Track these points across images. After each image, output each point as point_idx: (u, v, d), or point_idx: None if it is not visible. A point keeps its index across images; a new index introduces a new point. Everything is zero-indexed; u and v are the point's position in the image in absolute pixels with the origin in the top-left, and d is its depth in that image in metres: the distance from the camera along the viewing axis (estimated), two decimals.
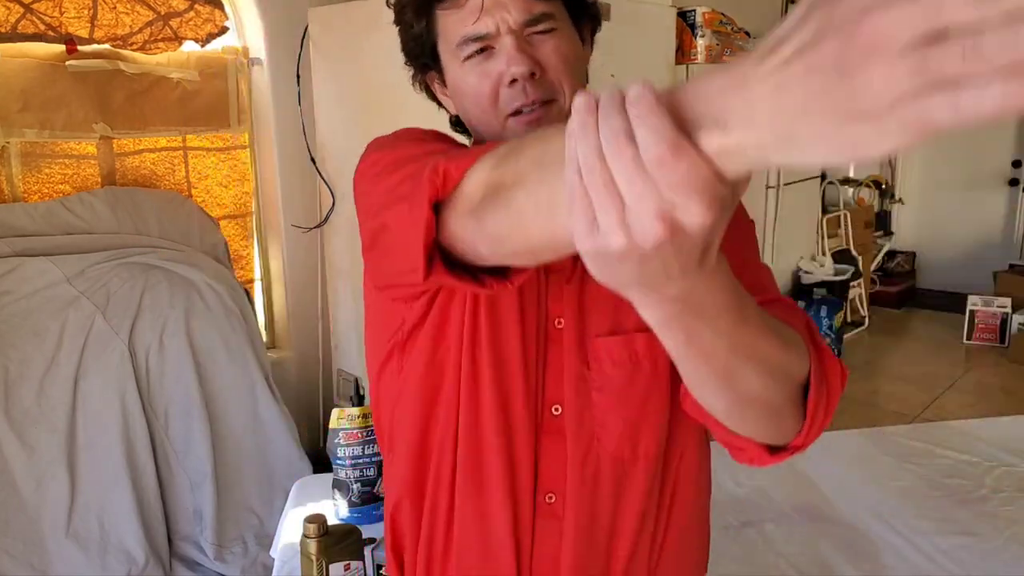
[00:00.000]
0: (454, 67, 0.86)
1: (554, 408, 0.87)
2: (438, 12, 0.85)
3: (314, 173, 2.89)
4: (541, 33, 0.83)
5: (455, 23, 0.83)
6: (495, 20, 0.82)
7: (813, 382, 0.68)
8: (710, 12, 3.87)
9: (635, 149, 0.39)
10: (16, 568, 2.04)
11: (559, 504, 0.87)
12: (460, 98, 0.88)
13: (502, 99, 0.83)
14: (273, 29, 2.81)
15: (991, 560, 1.37)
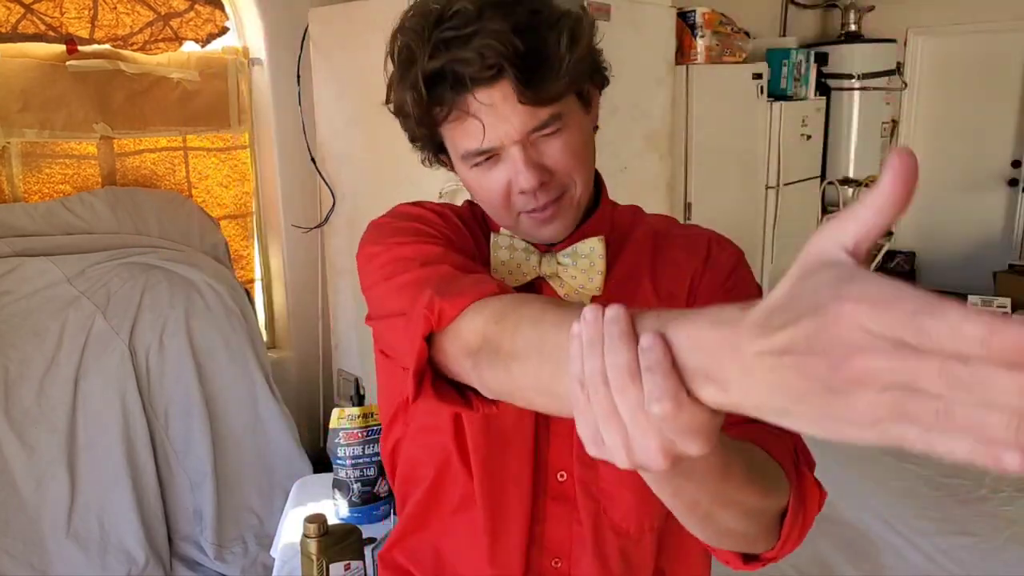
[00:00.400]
0: (463, 168, 0.85)
1: (559, 475, 0.87)
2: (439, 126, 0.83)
3: (314, 173, 2.89)
4: (548, 135, 0.81)
5: (458, 136, 0.81)
6: (499, 135, 0.79)
7: (791, 505, 0.70)
8: (710, 12, 3.87)
9: (640, 392, 0.41)
10: (16, 568, 2.04)
11: (564, 568, 0.88)
12: (471, 191, 0.87)
13: (513, 203, 0.83)
14: (273, 29, 2.81)
15: (991, 560, 1.37)
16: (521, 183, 0.80)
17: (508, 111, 0.78)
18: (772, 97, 4.44)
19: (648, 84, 3.29)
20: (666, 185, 3.55)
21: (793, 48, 4.59)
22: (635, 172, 3.28)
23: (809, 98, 4.70)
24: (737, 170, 4.31)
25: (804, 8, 5.60)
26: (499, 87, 0.77)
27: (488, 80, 0.76)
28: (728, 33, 4.04)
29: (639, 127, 3.26)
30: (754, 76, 4.28)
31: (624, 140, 3.18)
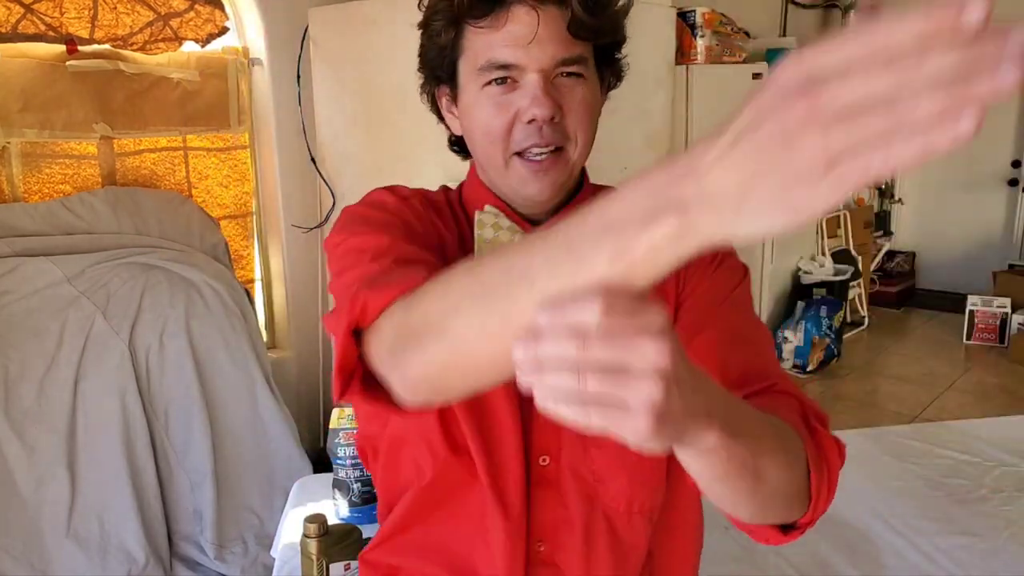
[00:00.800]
0: (472, 89, 0.82)
1: (541, 459, 0.85)
2: (470, 28, 0.80)
3: (314, 173, 2.89)
4: (569, 76, 0.81)
5: (485, 44, 0.79)
6: (528, 54, 0.78)
7: (812, 463, 0.71)
8: (710, 12, 3.87)
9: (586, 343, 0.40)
10: (16, 568, 2.04)
11: (548, 552, 0.87)
12: (470, 122, 0.84)
13: (515, 135, 0.81)
14: (273, 29, 2.81)
15: (991, 560, 1.37)
16: (534, 110, 0.78)
17: (547, 35, 0.78)
18: None
19: (648, 84, 3.29)
20: None
21: (793, 48, 4.59)
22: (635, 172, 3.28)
23: None
24: None
25: (804, 8, 5.60)
26: (549, 9, 0.78)
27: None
28: (728, 33, 4.04)
29: (639, 127, 3.26)
30: (754, 76, 4.28)
31: (624, 140, 3.18)
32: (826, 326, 4.41)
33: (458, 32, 0.81)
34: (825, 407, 0.80)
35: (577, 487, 0.85)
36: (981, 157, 5.64)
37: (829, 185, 0.35)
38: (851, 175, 0.34)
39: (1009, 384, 4.26)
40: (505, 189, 0.86)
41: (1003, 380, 4.32)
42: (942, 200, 5.85)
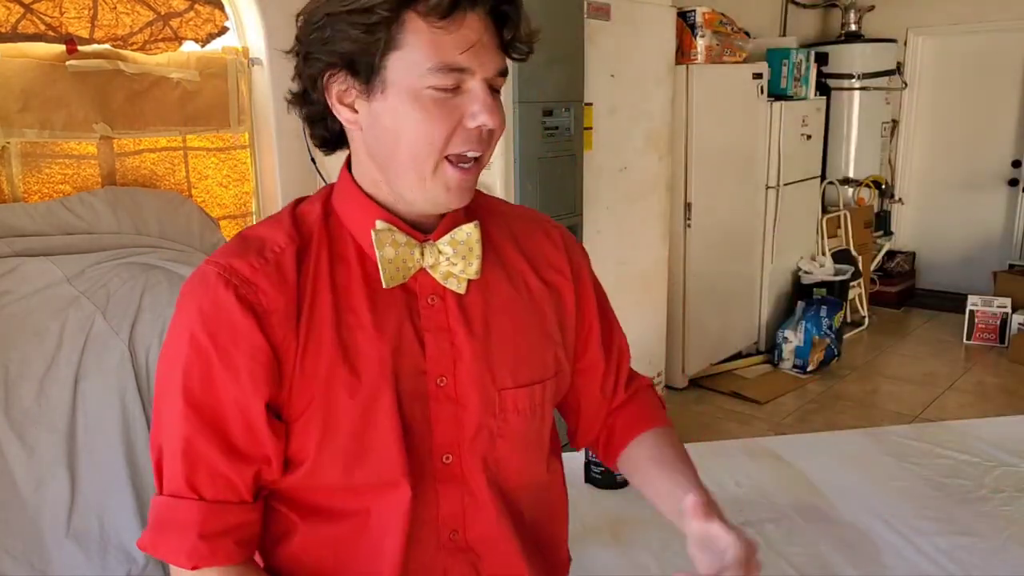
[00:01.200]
0: (408, 87, 0.78)
1: (444, 458, 0.89)
2: (420, 23, 0.76)
3: (314, 173, 2.89)
4: (493, 89, 0.81)
5: (437, 44, 0.76)
6: (478, 60, 0.78)
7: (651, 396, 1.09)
8: (710, 12, 3.88)
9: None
10: (16, 568, 2.04)
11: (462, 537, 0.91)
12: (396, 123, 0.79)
13: (456, 139, 0.79)
14: (273, 29, 2.81)
15: (991, 560, 1.37)
16: (484, 118, 0.78)
17: (491, 45, 0.79)
18: (772, 97, 4.44)
19: (648, 84, 3.29)
20: (666, 185, 3.55)
21: (793, 48, 4.59)
22: (635, 172, 3.28)
23: (809, 98, 4.71)
24: (737, 170, 4.31)
25: (804, 8, 5.61)
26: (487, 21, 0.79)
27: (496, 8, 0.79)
28: (728, 33, 4.04)
29: (639, 127, 3.26)
30: (754, 76, 4.28)
31: (624, 140, 3.19)
32: (826, 326, 4.42)
33: (400, 24, 0.76)
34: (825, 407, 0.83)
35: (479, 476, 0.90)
36: (981, 157, 5.64)
37: None
38: None
39: (1009, 384, 4.26)
40: (413, 196, 0.84)
41: (1003, 380, 4.32)
42: (942, 200, 5.85)
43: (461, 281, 0.86)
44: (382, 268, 0.83)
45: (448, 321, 0.87)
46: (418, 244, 0.85)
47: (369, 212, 0.86)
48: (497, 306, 0.89)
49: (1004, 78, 5.49)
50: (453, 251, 0.85)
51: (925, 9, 5.56)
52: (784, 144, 4.49)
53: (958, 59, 5.65)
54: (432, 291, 0.87)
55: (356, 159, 0.88)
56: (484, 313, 0.88)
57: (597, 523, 1.52)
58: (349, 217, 0.87)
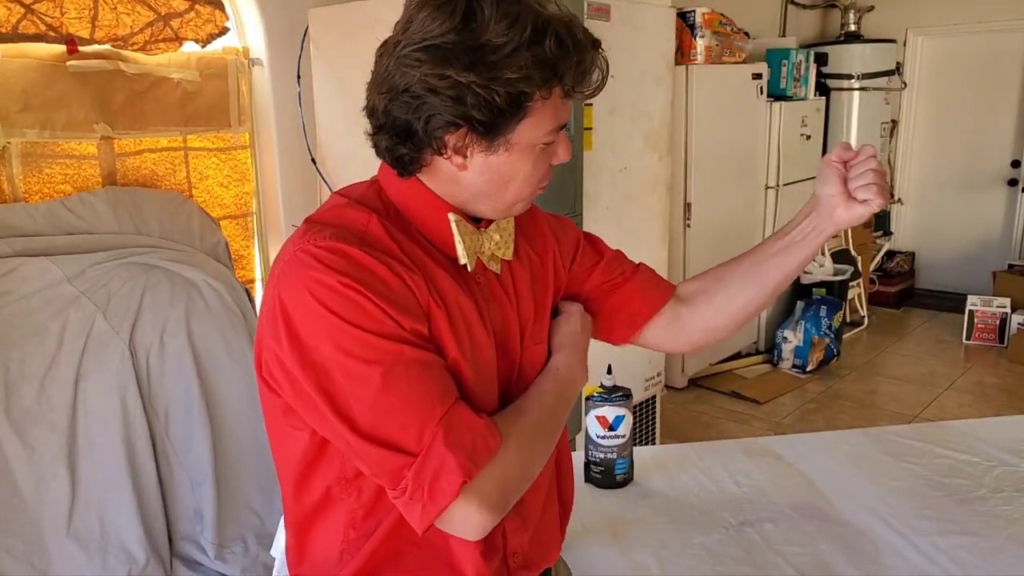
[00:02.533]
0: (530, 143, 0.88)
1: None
2: (557, 94, 0.87)
3: (314, 173, 2.89)
4: None
5: (560, 108, 0.89)
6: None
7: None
8: (710, 12, 3.88)
9: None
10: (16, 568, 2.04)
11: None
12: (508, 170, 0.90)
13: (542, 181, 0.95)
14: (273, 29, 2.81)
15: (991, 560, 1.38)
16: (564, 157, 0.94)
17: None
18: (772, 97, 4.44)
19: (648, 84, 3.29)
20: (666, 185, 3.55)
21: (793, 48, 4.59)
22: (635, 172, 3.28)
23: (809, 98, 4.71)
24: (737, 170, 4.31)
25: (804, 8, 5.60)
26: None
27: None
28: (728, 33, 4.04)
29: (639, 127, 3.26)
30: (754, 76, 4.28)
31: (624, 140, 3.19)
32: (826, 326, 4.42)
33: (545, 96, 0.85)
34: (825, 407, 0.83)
35: None
36: (981, 157, 5.64)
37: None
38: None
39: (1009, 384, 4.26)
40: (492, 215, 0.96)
41: (1003, 380, 4.32)
42: (942, 200, 5.85)
43: (498, 262, 0.99)
44: (467, 252, 0.93)
45: (494, 293, 0.98)
46: (478, 232, 0.96)
47: (438, 206, 0.94)
48: (519, 277, 1.03)
49: (1004, 78, 5.49)
50: (500, 237, 0.98)
51: (925, 9, 5.56)
52: (784, 144, 4.49)
53: (958, 59, 5.65)
54: (479, 270, 0.97)
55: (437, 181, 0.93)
56: (513, 284, 1.01)
57: (597, 523, 1.52)
58: (415, 211, 0.94)
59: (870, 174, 0.97)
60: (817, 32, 5.75)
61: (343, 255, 0.82)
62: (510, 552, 0.99)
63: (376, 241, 0.87)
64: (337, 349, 0.81)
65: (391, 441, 0.80)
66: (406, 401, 0.81)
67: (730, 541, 1.46)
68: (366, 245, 0.85)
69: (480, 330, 0.93)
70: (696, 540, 1.46)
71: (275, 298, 0.84)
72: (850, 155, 1.00)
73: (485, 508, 0.81)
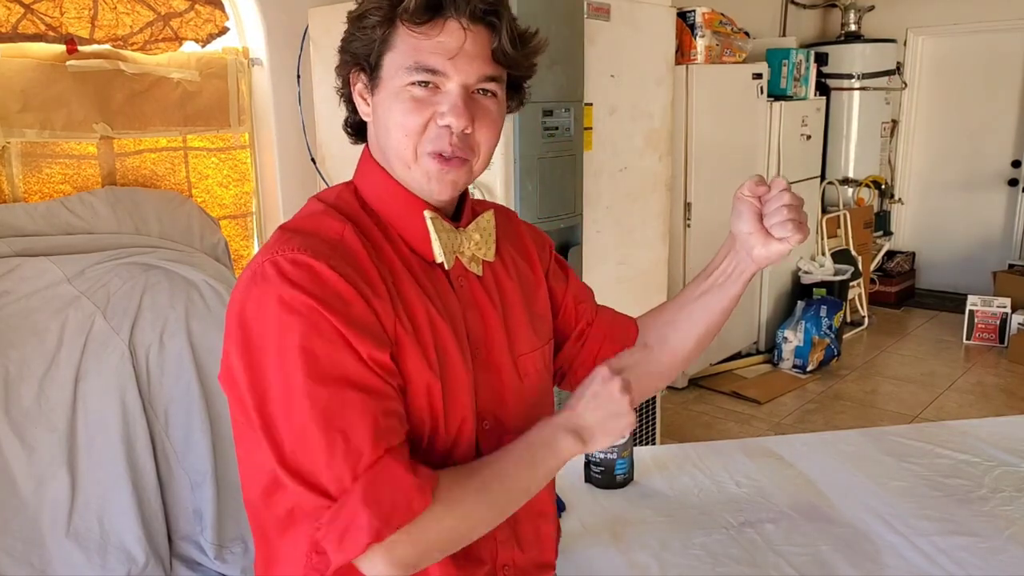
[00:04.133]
0: (394, 83, 0.87)
1: (484, 423, 0.95)
2: (404, 28, 0.86)
3: (314, 173, 2.89)
4: (484, 93, 0.89)
5: (416, 47, 0.86)
6: (455, 65, 0.85)
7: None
8: (710, 12, 3.88)
9: None
10: (16, 568, 2.04)
11: None
12: (386, 113, 0.89)
13: (428, 134, 0.87)
14: (273, 29, 2.81)
15: (991, 560, 1.38)
16: (450, 118, 0.86)
17: (473, 52, 0.86)
18: (772, 97, 4.44)
19: (648, 84, 3.29)
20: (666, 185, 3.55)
21: (793, 48, 4.59)
22: (635, 172, 3.28)
23: (809, 98, 4.71)
24: (737, 170, 4.31)
25: (804, 8, 5.60)
26: (480, 31, 0.87)
27: (478, 17, 0.86)
28: (728, 33, 4.04)
29: (639, 127, 3.26)
30: (754, 76, 4.28)
31: (624, 140, 3.18)
32: (826, 326, 4.41)
33: (391, 29, 0.87)
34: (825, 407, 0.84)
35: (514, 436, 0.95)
36: (981, 157, 5.64)
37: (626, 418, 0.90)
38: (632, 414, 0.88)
39: (1009, 384, 4.26)
40: (409, 181, 0.92)
41: (1003, 380, 4.32)
42: (942, 200, 5.85)
43: (479, 263, 0.97)
44: (443, 251, 0.92)
45: (476, 298, 0.96)
46: (456, 231, 0.94)
47: (412, 204, 0.92)
48: (505, 284, 1.00)
49: (1004, 78, 5.49)
50: (480, 237, 0.96)
51: (925, 9, 5.56)
52: (784, 144, 4.49)
53: (958, 59, 5.65)
54: (460, 272, 0.95)
55: (373, 150, 0.96)
56: (498, 290, 0.99)
57: (597, 523, 1.52)
58: (390, 209, 0.93)
59: (784, 210, 0.92)
60: (817, 32, 5.75)
61: (310, 272, 0.80)
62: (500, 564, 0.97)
63: (348, 253, 0.85)
64: (281, 368, 0.79)
65: (311, 476, 0.78)
66: (335, 438, 0.77)
67: (730, 541, 1.46)
68: (336, 258, 0.83)
69: (452, 345, 0.90)
70: (696, 540, 1.46)
71: (238, 305, 0.84)
72: (763, 190, 0.95)
73: (394, 567, 0.78)
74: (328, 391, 0.78)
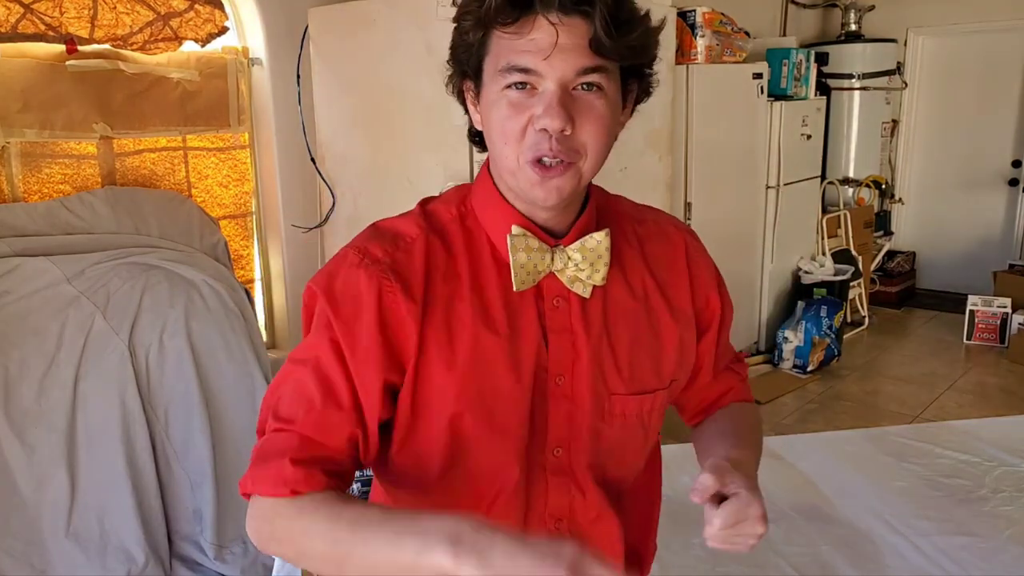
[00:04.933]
0: (494, 88, 0.84)
1: (555, 451, 0.92)
2: (496, 31, 0.83)
3: (314, 173, 2.89)
4: (588, 88, 0.83)
5: (509, 48, 0.82)
6: (549, 63, 0.80)
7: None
8: (710, 12, 3.87)
9: None
10: (16, 568, 2.04)
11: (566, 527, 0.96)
12: (488, 119, 0.86)
13: (527, 140, 0.83)
14: (273, 29, 2.81)
15: (991, 560, 1.37)
16: (545, 120, 0.81)
17: (569, 46, 0.80)
18: (772, 97, 4.43)
19: None
20: (666, 185, 3.54)
21: (793, 48, 4.59)
22: (635, 172, 3.28)
23: (809, 98, 4.70)
24: (737, 170, 4.31)
25: (804, 8, 5.60)
26: (575, 22, 0.80)
27: (569, 8, 0.79)
28: (728, 33, 4.04)
29: (639, 127, 3.26)
30: (754, 76, 4.28)
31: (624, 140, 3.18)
32: (826, 326, 4.41)
33: (486, 33, 0.84)
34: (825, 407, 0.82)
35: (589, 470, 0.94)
36: (981, 157, 5.63)
37: None
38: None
39: (1009, 384, 4.25)
40: (516, 190, 0.88)
41: (1003, 380, 4.32)
42: (942, 200, 5.85)
43: (587, 286, 0.90)
44: (514, 273, 0.87)
45: (571, 323, 0.90)
46: (549, 249, 0.89)
47: (506, 216, 0.89)
48: (617, 314, 0.93)
49: (1004, 78, 5.48)
50: (582, 257, 0.89)
51: (925, 9, 5.56)
52: (784, 144, 4.48)
53: (958, 59, 5.65)
54: (558, 293, 0.90)
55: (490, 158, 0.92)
56: (603, 319, 0.92)
57: None
58: (487, 219, 0.91)
59: (751, 540, 0.86)
60: (818, 31, 5.75)
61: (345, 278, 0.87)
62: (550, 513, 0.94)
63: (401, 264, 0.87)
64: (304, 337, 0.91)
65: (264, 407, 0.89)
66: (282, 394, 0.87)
67: None
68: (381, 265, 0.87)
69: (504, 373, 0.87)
70: (696, 540, 1.46)
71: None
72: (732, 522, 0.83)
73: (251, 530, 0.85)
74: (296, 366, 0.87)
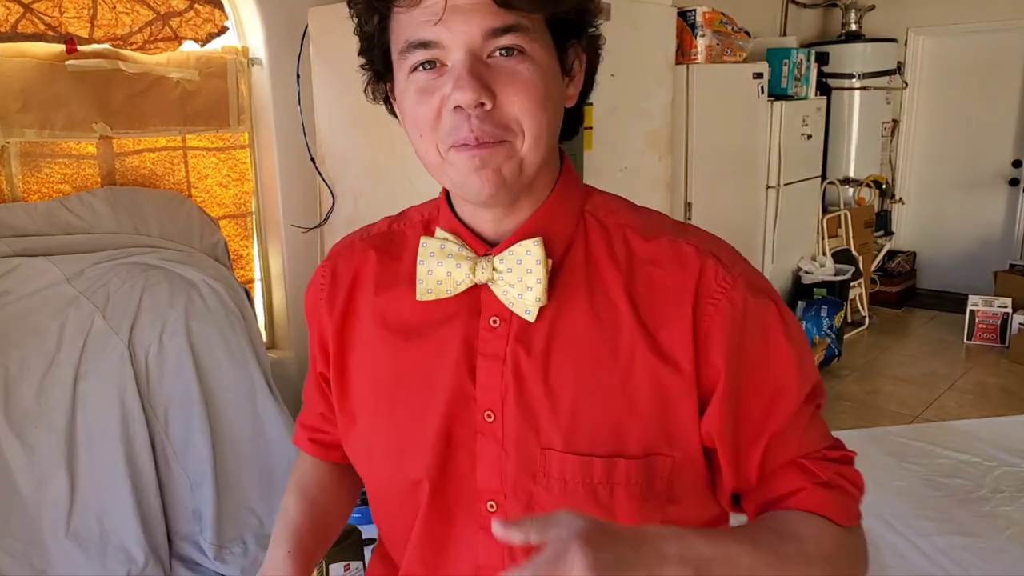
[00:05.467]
0: (400, 78, 0.71)
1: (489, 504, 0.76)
2: (393, 10, 0.69)
3: (314, 173, 2.89)
4: (507, 54, 0.67)
5: (405, 24, 0.68)
6: (448, 29, 0.66)
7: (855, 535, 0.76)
8: (710, 12, 3.87)
9: None
10: (16, 568, 2.04)
11: None
12: (402, 116, 0.74)
13: (443, 125, 0.68)
14: (273, 29, 2.80)
15: (991, 560, 1.37)
16: (456, 95, 0.66)
17: (469, 6, 0.65)
18: (772, 97, 4.43)
19: (648, 84, 3.28)
20: (666, 185, 3.54)
21: (793, 47, 4.59)
22: (635, 172, 3.28)
23: (809, 97, 4.70)
24: (737, 170, 4.31)
25: (804, 7, 5.60)
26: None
27: None
28: (728, 32, 4.04)
29: (639, 127, 3.26)
30: (754, 76, 4.28)
31: (624, 140, 3.18)
32: (827, 326, 4.41)
33: (382, 16, 0.71)
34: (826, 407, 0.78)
35: None
36: (981, 157, 5.63)
37: None
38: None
39: (1009, 384, 4.25)
40: (453, 189, 0.75)
41: (1003, 380, 4.32)
42: (943, 200, 5.84)
43: (528, 307, 0.72)
44: (419, 279, 0.75)
45: (505, 349, 0.74)
46: (472, 256, 0.74)
47: (446, 220, 0.78)
48: (567, 346, 0.74)
49: (1004, 78, 5.48)
50: (508, 269, 0.72)
51: (925, 9, 5.56)
52: (784, 144, 4.48)
53: (958, 59, 5.65)
54: (496, 312, 0.75)
55: None
56: (546, 351, 0.74)
57: None
58: (441, 223, 0.80)
59: None
60: (818, 31, 5.75)
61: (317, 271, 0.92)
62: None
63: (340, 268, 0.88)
64: None
65: None
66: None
67: None
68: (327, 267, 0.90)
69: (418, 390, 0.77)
70: None
71: None
72: None
73: None
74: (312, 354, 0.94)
